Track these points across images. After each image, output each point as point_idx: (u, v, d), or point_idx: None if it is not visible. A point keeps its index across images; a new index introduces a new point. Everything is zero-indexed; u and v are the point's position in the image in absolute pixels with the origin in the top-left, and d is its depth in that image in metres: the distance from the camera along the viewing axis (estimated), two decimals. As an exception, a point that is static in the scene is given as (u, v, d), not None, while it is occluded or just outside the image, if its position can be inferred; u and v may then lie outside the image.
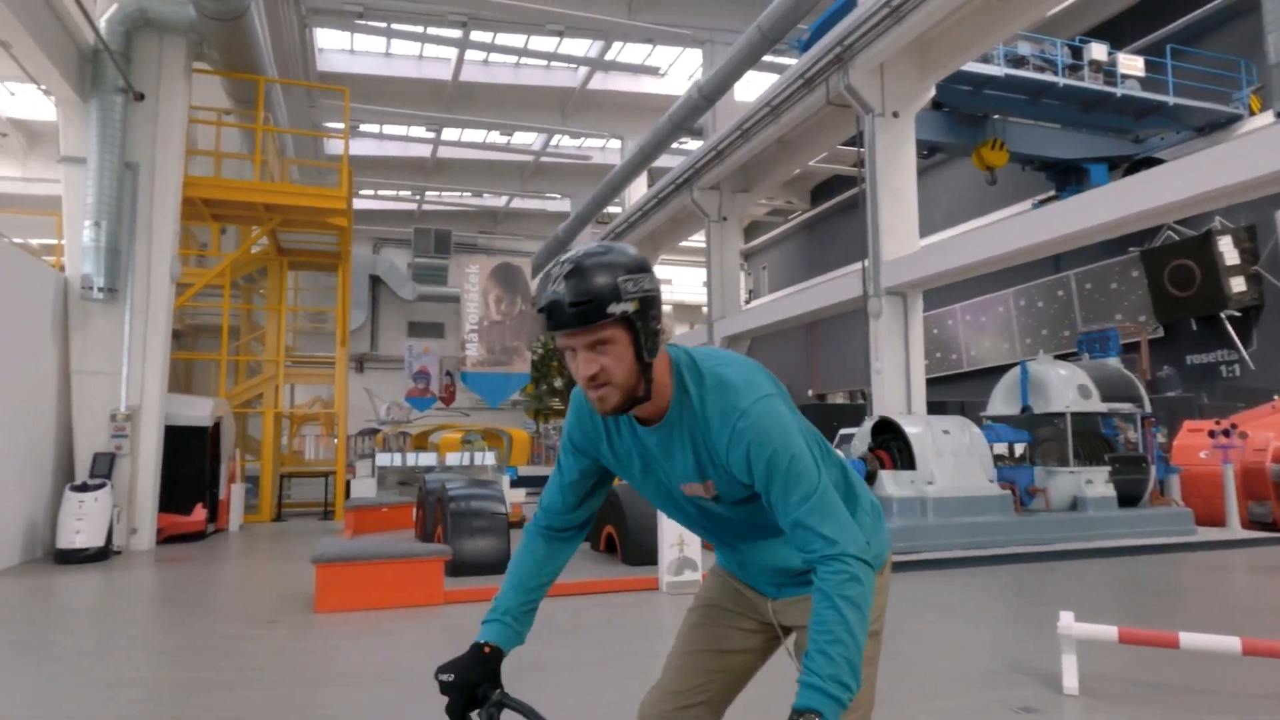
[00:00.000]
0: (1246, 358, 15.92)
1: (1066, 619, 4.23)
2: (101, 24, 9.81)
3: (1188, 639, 3.90)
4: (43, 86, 10.23)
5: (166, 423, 10.59)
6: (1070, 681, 4.10)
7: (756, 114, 15.84)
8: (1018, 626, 5.65)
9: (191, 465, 11.02)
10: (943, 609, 6.33)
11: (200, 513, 11.09)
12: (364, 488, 14.53)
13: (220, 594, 7.32)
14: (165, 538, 10.75)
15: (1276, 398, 12.44)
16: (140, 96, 10.29)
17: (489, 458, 18.96)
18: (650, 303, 1.41)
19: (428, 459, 19.26)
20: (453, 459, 18.74)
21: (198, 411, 11.20)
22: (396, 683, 4.45)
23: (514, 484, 15.88)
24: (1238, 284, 15.78)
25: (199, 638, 5.52)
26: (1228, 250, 15.87)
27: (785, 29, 14.31)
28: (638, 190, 25.27)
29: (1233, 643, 3.84)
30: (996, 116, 15.78)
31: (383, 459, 16.69)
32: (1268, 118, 15.21)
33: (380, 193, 30.29)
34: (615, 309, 1.36)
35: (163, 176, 10.44)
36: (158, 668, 4.83)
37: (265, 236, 13.47)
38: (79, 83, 9.95)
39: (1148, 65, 16.08)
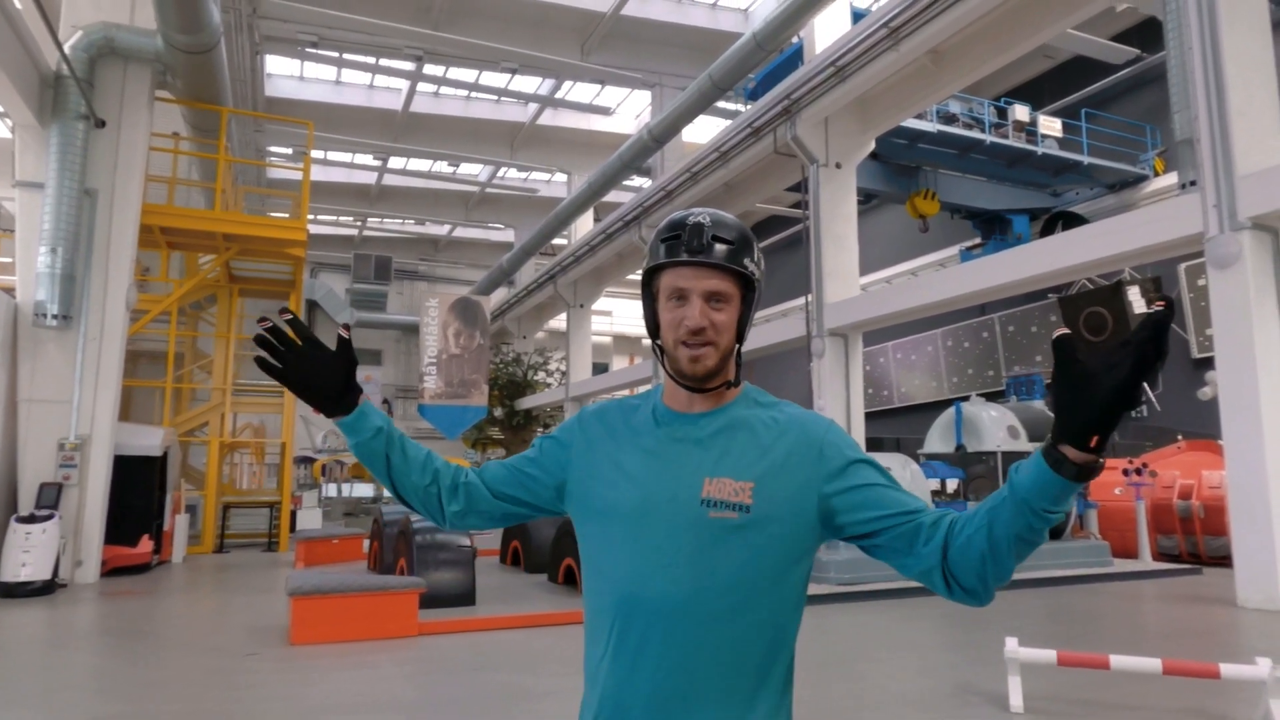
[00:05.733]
0: (1153, 399, 17.16)
1: (1011, 644, 4.71)
2: (66, 50, 9.77)
3: (1117, 661, 4.43)
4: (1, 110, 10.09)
5: (116, 452, 10.41)
6: (1016, 701, 4.57)
7: (706, 158, 16.48)
8: (963, 652, 6.15)
9: (140, 496, 10.83)
10: (891, 636, 6.80)
11: (146, 544, 10.89)
12: (309, 519, 14.40)
13: (188, 627, 7.31)
14: (109, 570, 10.52)
15: (1180, 438, 13.53)
16: (102, 123, 10.25)
17: (433, 488, 18.95)
18: (760, 287, 1.36)
19: (364, 488, 19.14)
20: (391, 488, 18.65)
21: (149, 441, 11.04)
22: (395, 712, 4.65)
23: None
24: (1145, 331, 17.03)
25: (187, 671, 5.58)
26: (1136, 299, 17.12)
27: (736, 79, 15.01)
28: (584, 224, 25.73)
29: (1155, 664, 4.38)
30: (928, 168, 16.80)
31: (330, 490, 16.57)
32: (1171, 178, 16.59)
33: (320, 217, 30.01)
34: (750, 266, 1.33)
35: (122, 204, 10.37)
36: (154, 700, 4.91)
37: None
38: (39, 108, 9.86)
39: (1064, 126, 17.36)
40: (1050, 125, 17.18)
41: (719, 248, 1.30)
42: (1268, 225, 7.89)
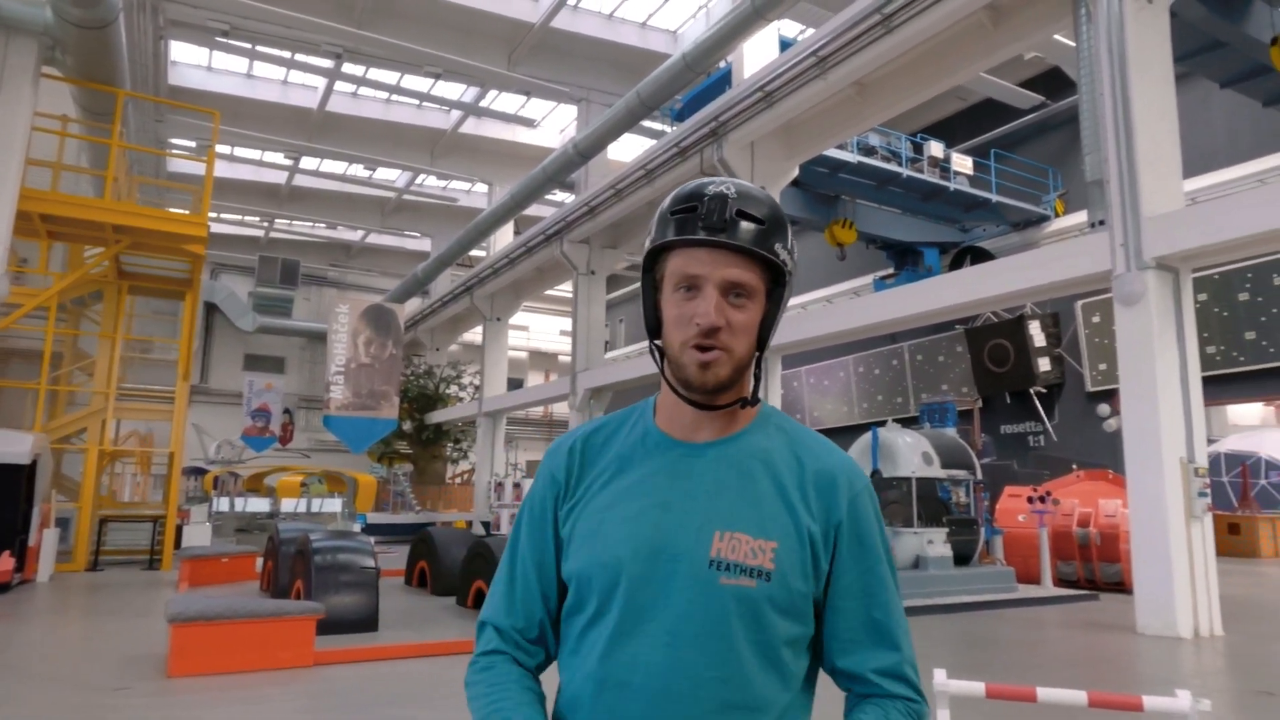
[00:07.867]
0: (1050, 430, 17.89)
1: (940, 676, 4.63)
2: (-62, 16, 8.91)
3: (1044, 693, 4.38)
4: None
5: (-24, 459, 9.44)
6: (944, 734, 4.48)
7: (631, 175, 16.38)
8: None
9: (2, 507, 9.84)
10: (812, 665, 6.68)
11: (7, 561, 9.87)
12: (197, 535, 13.43)
13: (50, 656, 6.57)
14: (-39, 589, 9.49)
15: (1076, 467, 14.09)
16: (-23, 98, 9.37)
17: (334, 503, 18.05)
18: (791, 282, 1.11)
19: (260, 503, 18.06)
20: (289, 504, 17.64)
21: (15, 448, 10.04)
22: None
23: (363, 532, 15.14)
24: (1044, 364, 17.80)
25: (45, 708, 4.96)
26: (1036, 334, 17.91)
27: (664, 98, 15.01)
28: (504, 236, 25.28)
29: (1080, 696, 4.36)
30: (847, 198, 17.17)
31: (222, 504, 15.56)
32: (1070, 219, 17.44)
33: (224, 216, 28.57)
34: (782, 253, 1.07)
35: (-4, 187, 9.48)
36: (-3, 745, 4.31)
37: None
38: (-97, 76, 8.95)
39: (974, 165, 18.04)
40: (962, 163, 17.83)
41: (745, 226, 1.04)
42: (1170, 266, 8.24)
